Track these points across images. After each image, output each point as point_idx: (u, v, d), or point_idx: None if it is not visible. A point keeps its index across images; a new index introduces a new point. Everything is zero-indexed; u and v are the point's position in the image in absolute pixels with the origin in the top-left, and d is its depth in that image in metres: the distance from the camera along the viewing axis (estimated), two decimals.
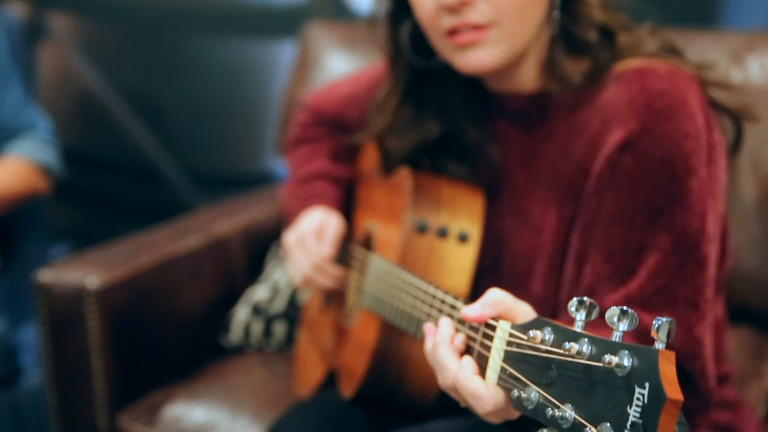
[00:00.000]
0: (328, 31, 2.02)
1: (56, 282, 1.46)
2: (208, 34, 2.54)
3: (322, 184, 1.40)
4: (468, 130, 1.20)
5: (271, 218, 1.80)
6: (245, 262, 1.72)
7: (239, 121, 2.55)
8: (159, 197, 2.64)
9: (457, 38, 1.08)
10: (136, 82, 2.62)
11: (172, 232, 1.66)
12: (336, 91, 1.46)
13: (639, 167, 1.02)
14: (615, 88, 1.07)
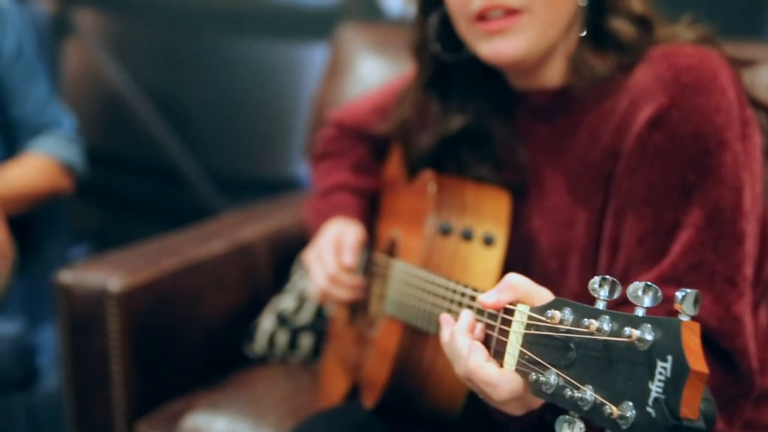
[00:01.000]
0: (361, 34, 1.97)
1: (77, 283, 1.41)
2: (236, 33, 2.50)
3: (343, 196, 1.36)
4: (492, 130, 1.16)
5: (298, 225, 1.75)
6: (271, 270, 1.67)
7: (266, 125, 2.50)
8: (181, 200, 2.60)
9: (485, 24, 1.05)
10: (161, 81, 2.58)
11: (197, 236, 1.62)
12: (360, 105, 1.44)
13: (669, 143, 0.99)
14: (642, 69, 1.03)
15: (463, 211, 1.10)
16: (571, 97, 1.09)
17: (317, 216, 1.35)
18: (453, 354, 0.86)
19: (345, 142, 1.43)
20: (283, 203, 1.88)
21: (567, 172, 1.09)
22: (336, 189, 1.37)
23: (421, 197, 1.16)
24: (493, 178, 1.15)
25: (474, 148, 1.17)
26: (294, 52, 2.48)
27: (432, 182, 1.13)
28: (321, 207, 1.36)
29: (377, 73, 1.93)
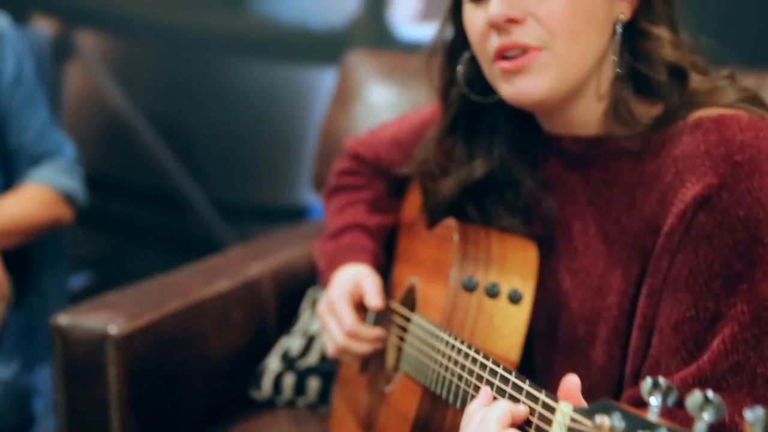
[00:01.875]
0: (370, 60, 1.92)
1: (75, 326, 1.34)
2: (243, 57, 2.45)
3: (356, 237, 1.29)
4: (520, 177, 1.10)
5: (307, 260, 1.68)
6: (278, 308, 1.60)
7: (273, 152, 2.44)
8: (185, 228, 2.53)
9: (504, 63, 0.99)
10: (165, 106, 2.52)
11: (201, 273, 1.55)
12: (378, 135, 1.36)
13: (716, 226, 0.90)
14: (690, 138, 0.95)
15: (489, 264, 1.03)
16: (608, 150, 1.02)
17: (329, 260, 1.28)
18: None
19: (361, 176, 1.36)
20: (290, 235, 1.82)
21: (601, 232, 1.02)
22: (348, 228, 1.30)
23: (443, 246, 1.09)
24: (519, 229, 1.08)
25: (499, 195, 1.11)
26: (302, 77, 2.42)
27: (456, 232, 1.06)
28: (333, 250, 1.28)
29: (387, 101, 1.87)
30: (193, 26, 2.46)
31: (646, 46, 0.99)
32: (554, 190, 1.07)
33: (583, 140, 1.04)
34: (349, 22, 2.32)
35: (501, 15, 0.97)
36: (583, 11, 0.97)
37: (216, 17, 2.43)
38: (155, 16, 2.48)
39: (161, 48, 2.50)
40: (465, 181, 1.11)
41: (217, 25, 2.44)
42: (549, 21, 0.96)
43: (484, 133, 1.11)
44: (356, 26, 2.32)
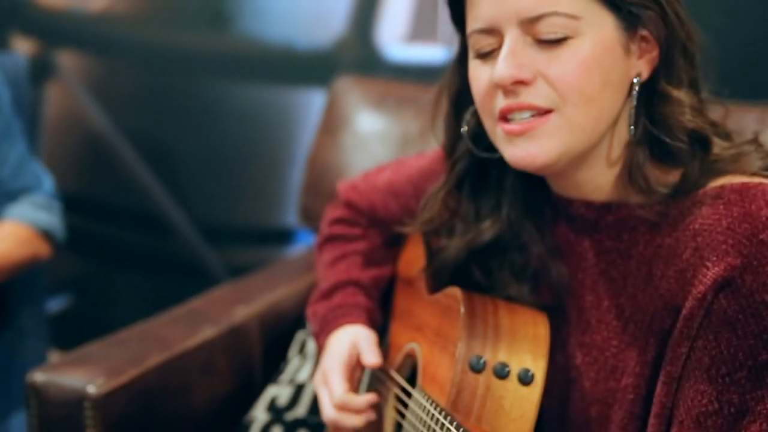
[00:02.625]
0: (359, 87, 1.86)
1: (52, 385, 1.29)
2: (227, 78, 2.39)
3: (349, 295, 1.23)
4: (529, 241, 1.04)
5: (295, 299, 1.63)
6: (264, 353, 1.55)
7: (258, 174, 2.38)
8: (167, 250, 2.47)
9: (508, 125, 0.93)
10: (147, 126, 2.46)
11: (184, 320, 1.49)
12: (373, 181, 1.29)
13: (739, 312, 0.84)
14: (711, 210, 0.88)
15: (497, 341, 0.97)
16: (622, 218, 0.96)
17: (322, 323, 1.21)
18: None
19: (356, 226, 1.30)
20: (277, 272, 1.76)
21: (615, 307, 0.96)
22: (342, 286, 1.24)
23: (447, 317, 1.03)
24: (526, 298, 1.03)
25: (507, 259, 1.05)
26: (288, 98, 2.36)
27: (462, 305, 1.00)
28: (325, 311, 1.22)
29: (377, 131, 1.81)
30: (176, 45, 2.40)
31: (665, 109, 0.93)
32: (564, 257, 1.02)
33: (595, 206, 0.98)
34: (335, 42, 2.27)
35: (509, 77, 0.91)
36: (597, 72, 0.90)
37: (199, 36, 2.37)
38: (137, 36, 2.42)
39: (143, 68, 2.44)
40: (472, 244, 1.06)
41: (201, 45, 2.38)
42: (559, 83, 0.90)
43: (492, 190, 1.06)
44: (343, 47, 2.27)
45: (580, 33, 0.90)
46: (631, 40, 0.93)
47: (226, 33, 2.36)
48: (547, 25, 0.90)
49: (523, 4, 0.90)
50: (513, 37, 0.91)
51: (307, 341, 1.54)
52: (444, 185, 1.08)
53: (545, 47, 0.90)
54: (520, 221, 1.04)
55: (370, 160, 1.78)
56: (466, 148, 1.04)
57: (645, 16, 0.92)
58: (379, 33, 2.23)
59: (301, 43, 2.30)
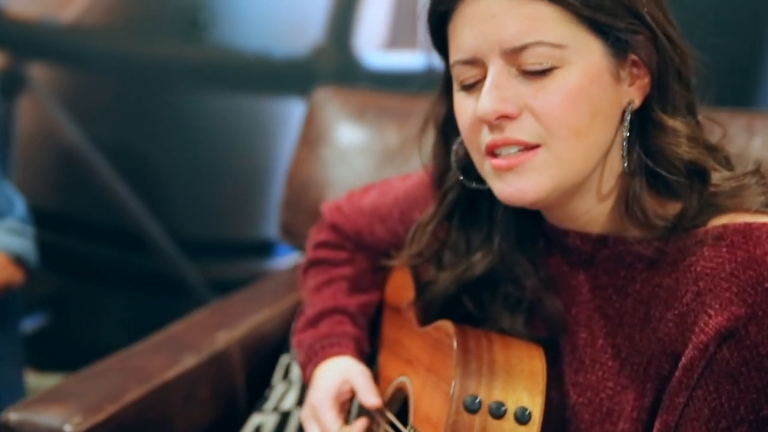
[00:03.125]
0: (338, 98, 1.82)
1: (27, 424, 1.24)
2: (203, 88, 2.34)
3: (336, 324, 1.19)
4: (522, 274, 1.00)
5: (278, 322, 1.59)
6: (247, 380, 1.50)
7: (237, 185, 2.34)
8: (145, 265, 2.42)
9: (496, 161, 0.89)
10: (122, 139, 2.41)
11: (164, 349, 1.44)
12: (358, 204, 1.25)
13: (742, 365, 0.80)
14: (713, 252, 0.84)
15: (492, 379, 0.93)
16: (618, 252, 0.92)
17: (309, 354, 1.17)
18: None
19: (341, 251, 1.26)
20: (258, 293, 1.71)
21: (611, 347, 0.93)
22: (328, 314, 1.20)
23: (439, 353, 0.99)
24: (520, 331, 0.99)
25: (499, 290, 1.01)
26: (265, 108, 2.32)
27: (454, 340, 0.96)
28: (312, 341, 1.18)
29: (358, 145, 1.77)
30: (150, 56, 2.34)
31: (659, 140, 0.88)
32: (559, 288, 0.98)
33: (591, 238, 0.94)
34: (312, 50, 2.23)
35: (492, 112, 0.86)
36: (585, 103, 0.86)
37: (174, 47, 2.32)
38: (110, 46, 2.36)
39: (117, 79, 2.39)
40: (463, 278, 1.02)
41: (175, 55, 2.33)
42: (546, 117, 0.86)
43: (483, 222, 1.02)
44: (320, 55, 2.22)
45: (566, 62, 0.86)
46: (621, 67, 0.88)
47: (201, 42, 2.31)
48: (532, 56, 0.85)
49: (506, 34, 0.86)
50: (496, 69, 0.87)
51: (292, 365, 1.49)
52: (433, 217, 1.04)
53: (530, 78, 0.86)
54: (513, 253, 1.00)
55: (352, 174, 1.74)
56: (456, 179, 1.00)
57: (634, 40, 0.87)
58: (358, 40, 2.19)
59: (277, 52, 2.26)
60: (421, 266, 1.09)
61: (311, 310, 1.21)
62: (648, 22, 0.88)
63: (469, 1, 0.88)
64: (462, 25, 0.89)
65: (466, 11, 0.88)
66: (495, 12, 0.86)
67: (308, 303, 1.24)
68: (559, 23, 0.85)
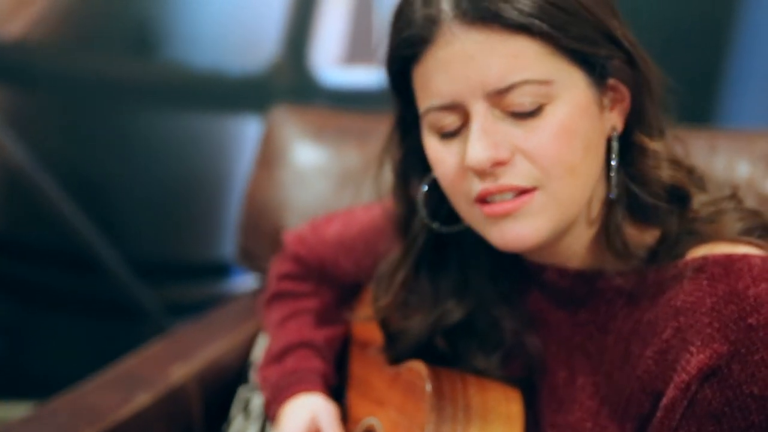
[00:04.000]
0: (296, 118, 1.77)
1: None
2: (155, 107, 2.27)
3: (302, 359, 1.14)
4: (499, 315, 0.95)
5: (236, 353, 1.53)
6: (205, 415, 1.44)
7: (192, 206, 2.28)
8: (98, 289, 2.35)
9: (490, 207, 0.84)
10: (72, 160, 2.33)
11: (117, 385, 1.38)
12: (321, 234, 1.20)
13: (725, 405, 0.77)
14: (693, 285, 0.81)
15: (468, 423, 0.89)
16: (599, 289, 0.89)
17: (275, 391, 1.12)
18: None
19: (305, 282, 1.21)
20: (215, 322, 1.65)
21: (590, 386, 0.89)
22: (294, 348, 1.15)
23: (411, 395, 0.95)
24: (495, 372, 0.95)
25: (474, 330, 0.97)
26: (220, 126, 2.26)
27: (428, 383, 0.91)
28: (278, 378, 1.13)
29: (315, 165, 1.72)
30: (99, 73, 2.27)
31: (641, 163, 0.86)
32: (537, 327, 0.94)
33: (569, 273, 0.91)
34: (268, 67, 2.18)
35: (486, 160, 0.82)
36: (578, 138, 0.83)
37: (124, 65, 2.25)
38: (57, 63, 2.28)
39: (65, 97, 2.31)
40: (437, 325, 0.97)
41: (126, 73, 2.26)
42: (541, 158, 0.82)
43: (452, 266, 0.97)
44: (276, 71, 2.18)
45: (554, 98, 0.82)
46: (604, 94, 0.86)
47: (152, 59, 2.25)
48: (519, 95, 0.81)
49: (489, 76, 0.81)
50: (481, 113, 0.82)
51: (251, 398, 1.44)
52: (401, 266, 0.99)
53: (519, 120, 0.82)
54: (489, 295, 0.96)
55: (311, 196, 1.69)
56: (423, 224, 0.95)
57: (612, 65, 0.85)
58: (314, 56, 2.15)
59: (232, 69, 2.20)
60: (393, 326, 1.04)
61: (276, 345, 1.17)
62: (625, 46, 0.85)
63: (441, 44, 0.83)
64: (435, 70, 0.84)
65: (439, 55, 0.83)
66: (473, 53, 0.81)
67: (272, 337, 1.19)
68: (543, 58, 0.81)
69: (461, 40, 0.82)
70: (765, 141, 1.42)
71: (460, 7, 0.82)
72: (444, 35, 0.83)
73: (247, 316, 1.61)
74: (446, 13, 0.83)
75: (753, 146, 1.43)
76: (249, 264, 1.77)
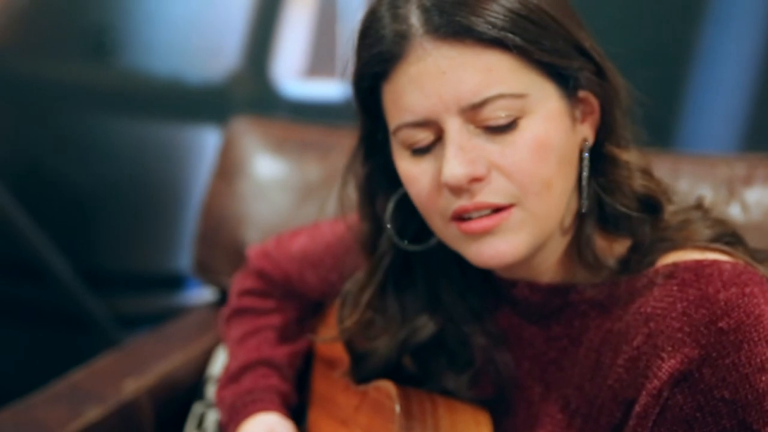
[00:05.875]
0: (256, 130, 1.74)
1: None
2: (110, 114, 2.23)
3: (260, 378, 1.11)
4: (468, 333, 0.94)
5: (191, 367, 1.49)
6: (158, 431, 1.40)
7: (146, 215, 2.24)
8: (46, 300, 2.29)
9: (466, 225, 0.83)
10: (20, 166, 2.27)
11: (65, 400, 1.33)
12: (286, 248, 1.17)
13: (696, 410, 0.77)
14: (663, 291, 0.81)
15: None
16: (571, 302, 0.88)
17: (231, 412, 1.09)
18: None
19: (268, 299, 1.18)
20: (168, 335, 1.61)
21: (560, 399, 0.87)
22: (252, 367, 1.12)
23: (378, 413, 0.93)
24: (465, 393, 0.92)
25: (443, 349, 0.95)
26: (177, 135, 2.22)
27: (397, 404, 0.89)
28: (234, 398, 1.09)
29: (275, 177, 1.69)
30: (52, 78, 2.22)
31: (614, 175, 0.85)
32: (509, 344, 0.92)
33: (541, 287, 0.89)
34: (228, 76, 2.15)
35: (464, 177, 0.80)
36: (552, 152, 0.82)
37: (78, 69, 2.20)
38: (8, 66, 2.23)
39: (16, 101, 2.25)
40: (406, 345, 0.95)
41: (80, 78, 2.21)
42: (517, 173, 0.81)
43: (422, 282, 0.95)
44: (236, 82, 2.14)
45: (528, 112, 0.81)
46: (575, 106, 0.85)
47: (108, 66, 2.20)
48: (493, 110, 0.80)
49: (463, 91, 0.80)
50: (456, 129, 0.81)
51: (206, 414, 1.40)
52: (368, 286, 0.97)
53: (494, 135, 0.81)
54: (459, 312, 0.94)
55: (271, 210, 1.66)
56: (390, 243, 0.93)
57: (583, 77, 0.84)
58: (276, 67, 2.12)
59: (191, 78, 2.17)
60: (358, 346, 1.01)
61: (234, 364, 1.13)
62: (594, 58, 0.85)
63: (413, 60, 0.82)
64: (407, 86, 0.82)
65: (410, 71, 0.82)
66: (445, 68, 0.80)
67: (231, 355, 1.16)
68: (516, 71, 0.80)
69: (433, 56, 0.80)
70: (726, 166, 1.42)
71: (431, 23, 0.80)
72: (415, 51, 0.81)
73: (203, 329, 1.57)
74: (417, 29, 0.81)
75: (715, 171, 1.43)
76: (205, 277, 1.73)
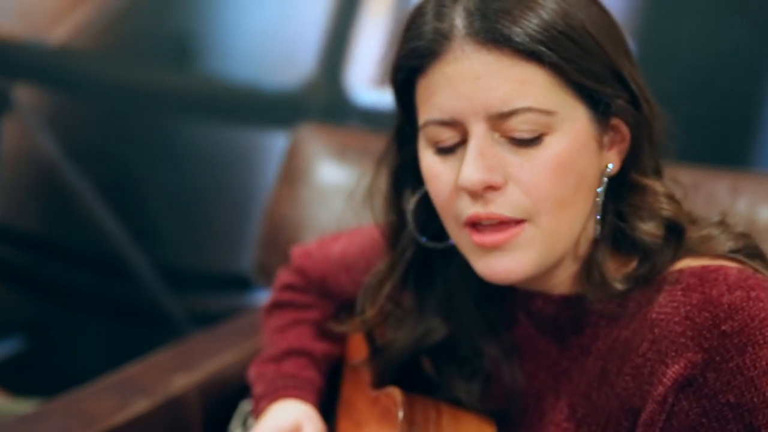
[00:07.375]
0: (320, 136, 1.77)
1: None
2: (190, 117, 2.30)
3: (302, 367, 1.13)
4: (482, 343, 0.95)
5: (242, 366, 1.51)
6: (205, 428, 1.44)
7: (221, 217, 2.30)
8: (125, 294, 2.38)
9: (478, 235, 0.84)
10: (107, 166, 2.37)
11: (115, 391, 1.38)
12: (327, 250, 1.21)
13: (702, 416, 0.76)
14: (668, 296, 0.80)
15: None
16: (582, 311, 0.88)
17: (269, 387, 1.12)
18: None
19: (307, 294, 1.22)
20: (222, 334, 1.66)
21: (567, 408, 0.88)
22: (295, 354, 1.15)
23: (385, 419, 0.95)
24: (475, 403, 0.94)
25: (456, 358, 0.96)
26: (253, 140, 2.28)
27: (400, 410, 0.91)
28: (274, 376, 1.13)
29: (336, 184, 1.72)
30: (139, 82, 2.31)
31: (639, 200, 0.85)
32: (524, 356, 0.93)
33: (554, 299, 0.90)
34: (303, 84, 2.19)
35: (479, 182, 0.82)
36: (572, 174, 0.82)
37: (163, 75, 2.29)
38: (98, 70, 2.33)
39: (105, 104, 2.35)
40: (420, 343, 0.97)
41: (165, 82, 2.30)
42: (532, 189, 0.82)
43: (438, 282, 0.97)
44: (311, 89, 2.19)
45: (554, 129, 0.81)
46: (605, 132, 0.85)
47: (190, 71, 2.28)
48: (520, 122, 0.81)
49: (493, 98, 0.81)
50: (480, 134, 0.82)
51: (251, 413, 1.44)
52: (388, 279, 0.99)
53: (517, 147, 0.82)
54: (473, 318, 0.95)
55: (330, 216, 1.69)
56: (412, 238, 0.95)
57: (617, 105, 0.84)
58: (349, 76, 2.16)
59: (267, 84, 2.22)
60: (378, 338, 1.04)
61: (275, 348, 1.17)
62: (631, 87, 0.85)
63: (449, 60, 0.83)
64: (440, 84, 0.84)
65: (445, 70, 0.83)
66: (480, 73, 0.81)
67: (271, 342, 1.20)
68: (549, 88, 0.81)
69: (470, 59, 0.81)
70: None
71: (473, 26, 0.82)
72: (453, 51, 0.82)
73: (256, 330, 1.61)
74: (458, 30, 0.83)
75: None
76: (265, 280, 1.77)
